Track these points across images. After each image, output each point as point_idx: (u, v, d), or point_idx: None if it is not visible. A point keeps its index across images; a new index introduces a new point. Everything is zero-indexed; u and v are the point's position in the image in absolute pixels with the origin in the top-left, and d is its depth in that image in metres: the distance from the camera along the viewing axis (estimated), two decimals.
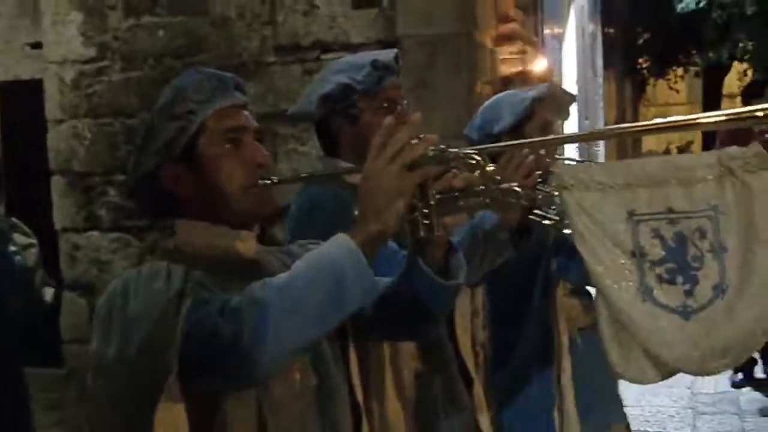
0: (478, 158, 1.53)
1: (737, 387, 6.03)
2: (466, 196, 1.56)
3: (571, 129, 7.61)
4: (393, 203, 1.41)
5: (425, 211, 1.48)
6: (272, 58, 4.57)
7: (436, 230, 1.49)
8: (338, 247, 1.41)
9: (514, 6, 5.39)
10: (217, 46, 4.64)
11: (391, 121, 1.44)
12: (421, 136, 1.44)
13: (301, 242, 1.77)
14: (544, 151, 2.24)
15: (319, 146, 2.32)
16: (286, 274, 1.42)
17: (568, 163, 2.47)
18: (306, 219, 2.11)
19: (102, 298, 1.52)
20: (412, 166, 1.42)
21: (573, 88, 8.18)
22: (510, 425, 2.69)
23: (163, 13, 4.73)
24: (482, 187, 1.56)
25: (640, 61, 17.70)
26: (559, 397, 2.72)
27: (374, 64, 2.17)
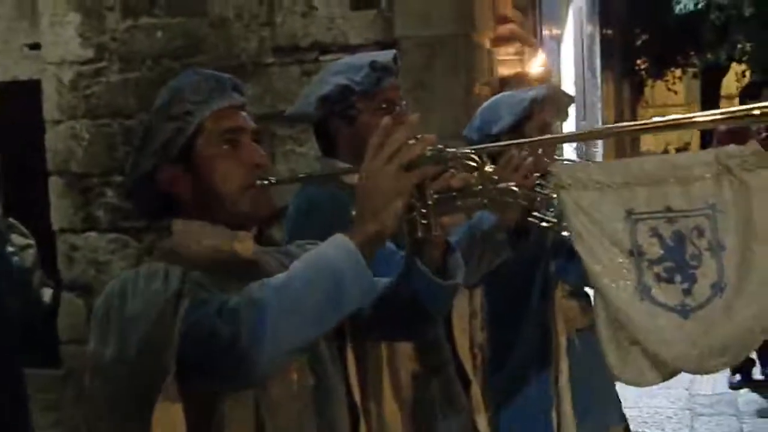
0: (476, 158, 1.53)
1: (735, 388, 6.02)
2: (464, 196, 1.57)
3: (569, 130, 7.59)
4: (391, 203, 1.40)
5: (423, 211, 1.48)
6: (270, 59, 4.56)
7: (434, 230, 1.49)
8: (336, 248, 1.41)
9: (512, 7, 5.39)
10: (215, 47, 4.63)
11: (388, 121, 1.44)
12: (419, 136, 1.44)
13: (299, 243, 1.77)
14: (542, 152, 2.24)
15: (317, 147, 2.32)
16: (284, 274, 1.42)
17: (566, 163, 2.47)
18: (304, 219, 2.11)
19: (100, 299, 1.52)
20: (410, 166, 1.42)
21: (571, 89, 8.17)
22: (508, 426, 2.69)
23: (161, 14, 4.72)
24: (480, 187, 1.56)
25: (639, 62, 17.69)
26: (557, 399, 2.72)
27: (373, 65, 2.17)
